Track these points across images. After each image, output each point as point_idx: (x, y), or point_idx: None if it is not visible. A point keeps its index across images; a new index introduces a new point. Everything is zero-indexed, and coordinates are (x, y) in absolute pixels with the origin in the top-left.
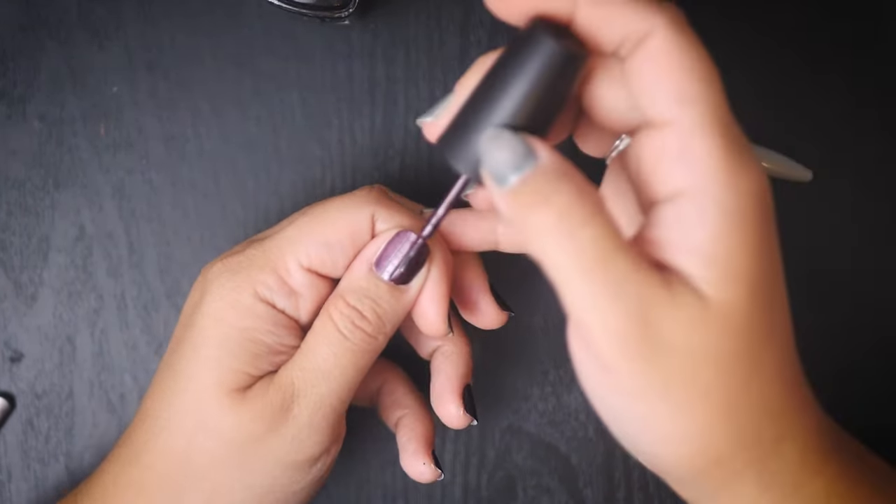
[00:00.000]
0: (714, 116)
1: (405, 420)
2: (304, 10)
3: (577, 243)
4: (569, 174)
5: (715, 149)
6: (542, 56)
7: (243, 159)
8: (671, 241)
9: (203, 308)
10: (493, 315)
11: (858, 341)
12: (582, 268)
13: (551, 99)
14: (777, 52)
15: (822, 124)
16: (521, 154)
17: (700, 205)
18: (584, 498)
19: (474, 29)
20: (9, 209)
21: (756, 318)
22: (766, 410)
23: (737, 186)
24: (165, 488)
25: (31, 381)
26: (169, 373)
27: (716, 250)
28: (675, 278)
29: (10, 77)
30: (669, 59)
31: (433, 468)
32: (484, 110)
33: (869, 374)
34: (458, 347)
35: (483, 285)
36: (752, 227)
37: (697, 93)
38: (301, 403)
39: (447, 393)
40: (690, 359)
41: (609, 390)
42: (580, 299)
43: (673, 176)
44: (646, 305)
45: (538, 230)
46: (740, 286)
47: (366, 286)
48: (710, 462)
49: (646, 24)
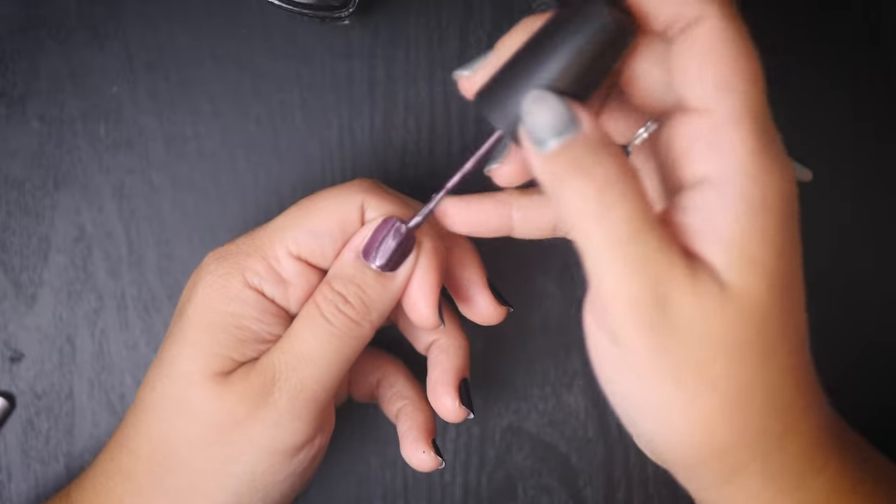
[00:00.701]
0: (751, 109)
1: (405, 410)
2: (304, 10)
3: (611, 218)
4: (609, 146)
5: (747, 141)
6: (595, 25)
7: (243, 159)
8: (694, 226)
9: (193, 297)
10: (490, 310)
11: (858, 341)
12: (612, 242)
13: (597, 69)
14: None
15: (822, 124)
16: (565, 119)
17: (725, 193)
18: (584, 498)
19: (474, 29)
20: (9, 209)
21: (772, 310)
22: (775, 404)
23: (764, 180)
24: (150, 472)
25: (31, 381)
26: (157, 361)
27: (738, 239)
28: (700, 265)
29: (10, 77)
30: (716, 47)
31: (433, 456)
32: (529, 70)
33: (868, 374)
34: (455, 341)
35: (480, 280)
36: (774, 221)
37: (738, 84)
38: (282, 387)
39: (443, 386)
40: (704, 345)
41: (619, 368)
42: (605, 270)
43: (702, 162)
44: (667, 285)
45: (574, 200)
46: (758, 275)
47: (352, 273)
48: (714, 452)
49: (698, 9)
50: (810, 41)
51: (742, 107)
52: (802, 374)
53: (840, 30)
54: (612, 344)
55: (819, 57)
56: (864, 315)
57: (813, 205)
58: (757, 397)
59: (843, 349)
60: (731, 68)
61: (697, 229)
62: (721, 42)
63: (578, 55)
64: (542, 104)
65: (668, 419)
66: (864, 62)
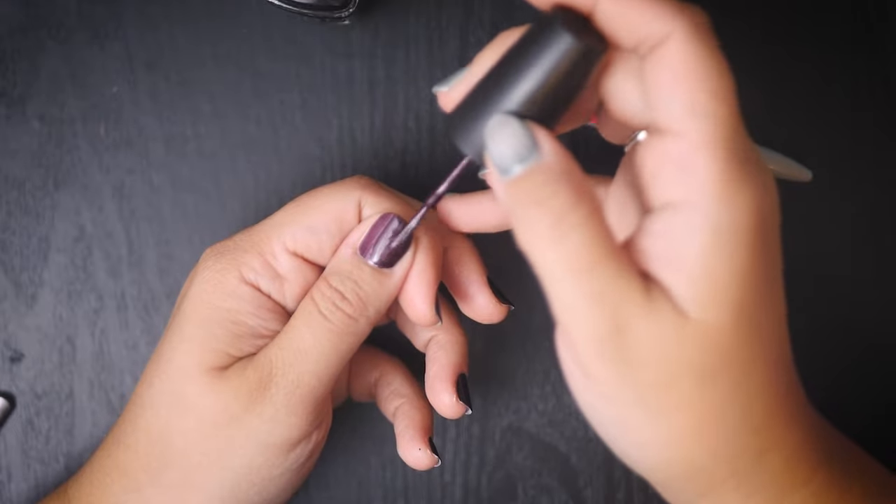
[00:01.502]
0: (722, 133)
1: (402, 408)
2: (304, 10)
3: (565, 248)
4: (569, 174)
5: (716, 166)
6: (558, 47)
7: (243, 159)
8: (658, 252)
9: (190, 292)
10: (490, 308)
11: (857, 341)
12: (567, 272)
13: (564, 90)
14: (774, 52)
15: (822, 125)
16: (526, 146)
17: (691, 220)
18: (584, 498)
19: (474, 29)
20: (9, 209)
21: (740, 339)
22: (749, 425)
23: (733, 208)
24: (146, 468)
25: (31, 381)
26: (154, 356)
27: (700, 270)
28: (658, 290)
29: (10, 77)
30: (684, 67)
31: (430, 454)
32: (494, 95)
33: (867, 374)
34: (453, 337)
35: (480, 278)
36: (743, 248)
37: (708, 106)
38: (279, 383)
39: (441, 381)
40: (665, 371)
41: (589, 393)
42: (563, 299)
43: (670, 186)
44: (623, 313)
45: (530, 229)
46: (723, 308)
47: (349, 269)
48: (689, 470)
49: (664, 28)
50: (810, 42)
51: (712, 130)
52: (781, 390)
53: (840, 32)
54: (580, 372)
55: (819, 58)
56: (863, 315)
57: (813, 205)
58: (730, 418)
59: (843, 350)
60: (700, 89)
61: (661, 256)
62: (690, 61)
63: (543, 78)
64: (503, 130)
65: (641, 441)
66: (864, 63)
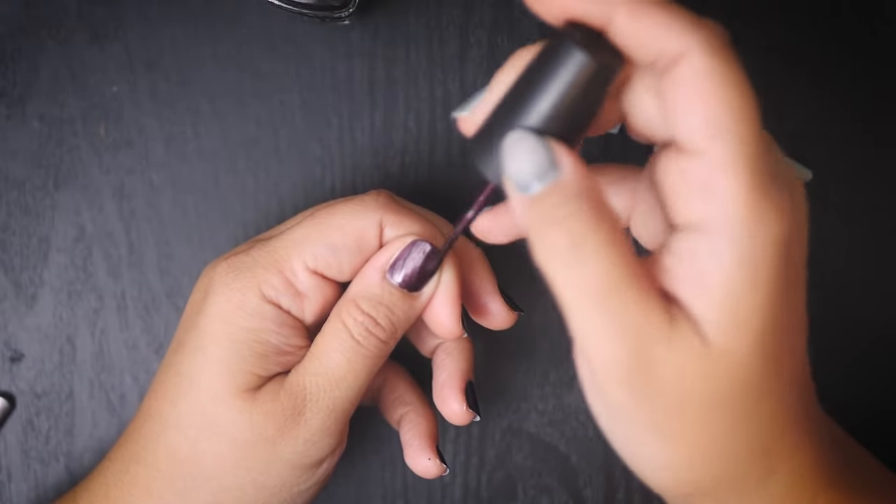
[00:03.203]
0: (744, 153)
1: (408, 417)
2: (304, 10)
3: (584, 272)
4: (588, 193)
5: (741, 189)
6: (572, 65)
7: (243, 159)
8: (683, 274)
9: (207, 309)
10: (503, 316)
11: (858, 342)
12: (586, 296)
13: (582, 107)
14: (774, 52)
15: (822, 125)
16: (544, 163)
17: (717, 244)
18: (584, 498)
19: (474, 29)
20: (9, 209)
21: (757, 369)
22: (755, 450)
23: (758, 231)
24: (172, 488)
25: (31, 381)
26: (172, 372)
27: (725, 295)
28: (681, 314)
29: (10, 77)
30: (703, 85)
31: (438, 463)
32: (511, 115)
33: (868, 373)
34: (460, 344)
35: (492, 287)
36: (768, 275)
37: (729, 125)
38: (313, 408)
39: (450, 389)
40: (681, 399)
41: (605, 412)
42: (582, 325)
43: (694, 206)
44: (644, 340)
45: (548, 250)
46: (745, 336)
47: (379, 293)
48: (694, 491)
49: (681, 45)
50: (810, 42)
51: (734, 150)
52: (791, 414)
53: (840, 32)
54: (597, 394)
55: (819, 58)
56: (864, 316)
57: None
58: (737, 445)
59: (844, 349)
60: (720, 109)
61: (684, 278)
62: (709, 80)
63: (559, 95)
64: (520, 147)
65: (650, 458)
66: (864, 63)
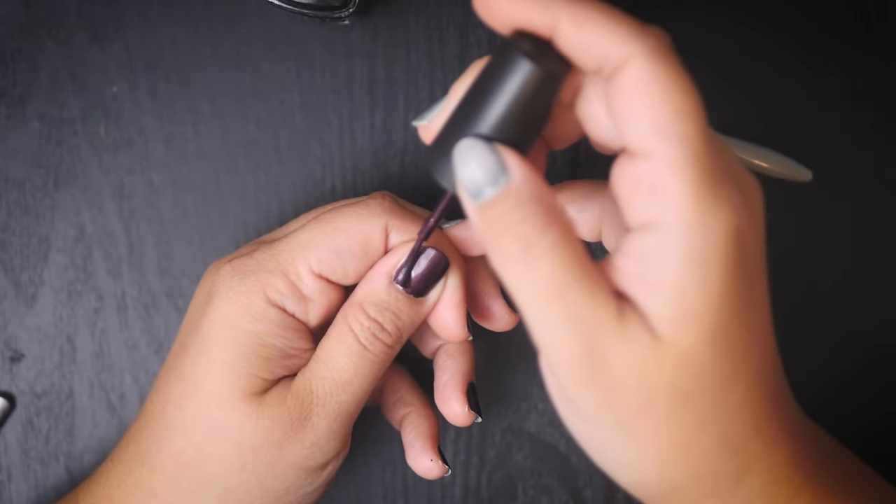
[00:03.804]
0: (691, 153)
1: (410, 417)
2: (304, 10)
3: (536, 274)
4: (538, 197)
5: (687, 187)
6: (519, 73)
7: (243, 159)
8: (633, 272)
9: (211, 312)
10: (506, 319)
11: (858, 343)
12: (540, 297)
13: (531, 114)
14: (774, 52)
15: (822, 124)
16: (493, 169)
17: (665, 242)
18: (584, 498)
19: (474, 29)
20: (9, 209)
21: (716, 361)
22: (727, 446)
23: (706, 227)
24: (177, 491)
25: (31, 381)
26: (175, 376)
27: (674, 291)
28: (631, 311)
29: (10, 77)
30: (647, 89)
31: (440, 464)
32: (464, 124)
33: (868, 375)
34: (462, 345)
35: (494, 290)
36: (718, 270)
37: (675, 127)
38: (320, 413)
39: (451, 390)
40: (641, 393)
41: (570, 414)
42: (538, 325)
43: (644, 208)
44: (597, 336)
45: (502, 255)
46: (696, 330)
47: (386, 299)
48: (668, 490)
49: (624, 51)
50: (810, 42)
51: (682, 150)
52: (763, 409)
53: (840, 31)
54: (561, 395)
55: (819, 57)
56: (864, 316)
57: (813, 205)
58: (707, 440)
59: (843, 351)
60: (665, 111)
61: (635, 276)
62: (652, 84)
63: (508, 104)
64: (470, 153)
65: (623, 461)
66: (864, 63)
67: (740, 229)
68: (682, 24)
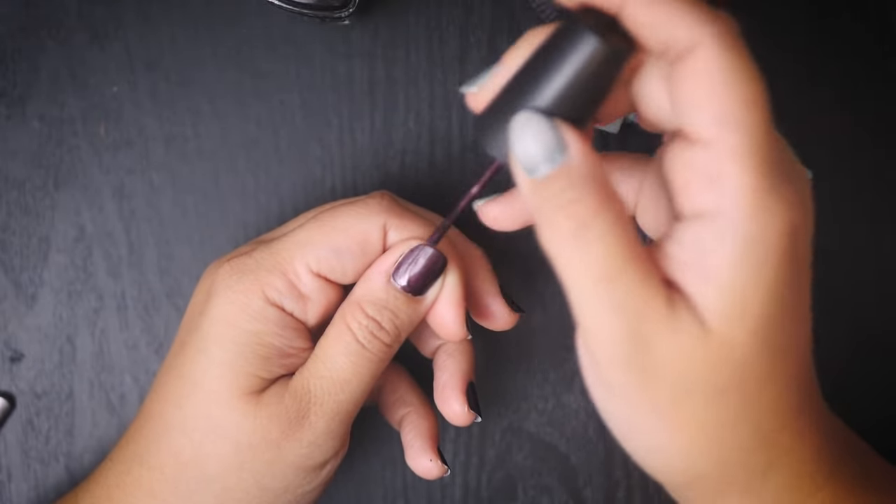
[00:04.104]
0: (754, 144)
1: (409, 417)
2: (304, 10)
3: (588, 256)
4: (595, 177)
5: (748, 178)
6: (583, 48)
7: (243, 159)
8: (686, 261)
9: (210, 311)
10: (505, 318)
11: (858, 343)
12: (590, 279)
13: (592, 91)
14: (774, 52)
15: (822, 124)
16: (552, 145)
17: (721, 232)
18: (584, 498)
19: (474, 29)
20: (9, 209)
21: (758, 357)
22: (757, 441)
23: (764, 221)
24: (175, 491)
25: (31, 381)
26: (174, 374)
27: (728, 284)
28: (682, 301)
29: (10, 77)
30: (713, 76)
31: (440, 464)
32: (521, 96)
33: (869, 374)
34: (461, 344)
35: (494, 289)
36: (772, 264)
37: (739, 116)
38: (318, 411)
39: (451, 390)
40: (681, 384)
41: (605, 394)
42: (585, 307)
43: (701, 196)
44: (644, 323)
45: (554, 233)
46: (745, 324)
47: (384, 297)
48: (696, 478)
49: (693, 35)
50: (810, 42)
51: (744, 141)
52: (794, 405)
53: (840, 31)
54: (598, 374)
55: (819, 58)
56: (864, 316)
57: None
58: (738, 434)
59: (844, 349)
60: (730, 100)
61: (688, 266)
62: (719, 71)
63: (570, 79)
64: (529, 128)
65: (653, 446)
66: (864, 63)
67: (795, 226)
68: None
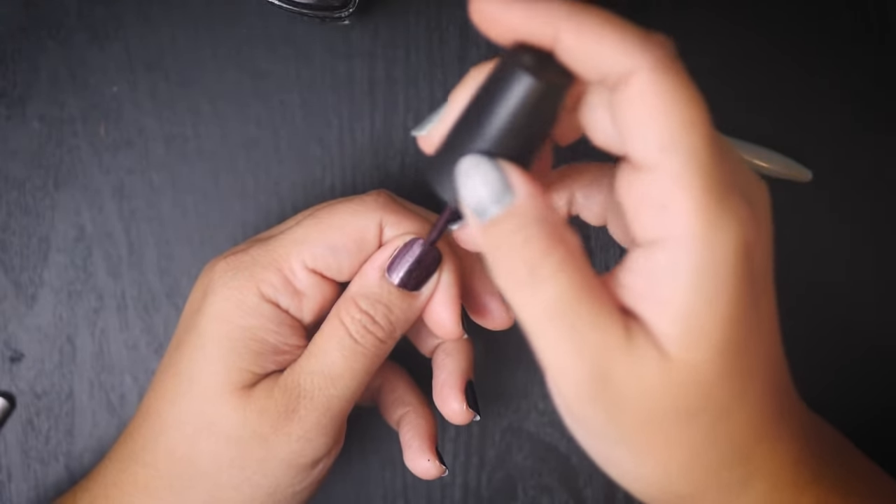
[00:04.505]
0: (697, 165)
1: (408, 417)
2: (304, 10)
3: (541, 296)
4: (542, 217)
5: (695, 202)
6: (518, 88)
7: (243, 159)
8: (641, 290)
9: (206, 308)
10: (503, 316)
11: (856, 343)
12: (545, 318)
13: (534, 126)
14: (774, 53)
15: (822, 124)
16: (498, 187)
17: (673, 260)
18: (584, 498)
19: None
20: (9, 209)
21: (724, 378)
22: (733, 456)
23: (714, 243)
24: (170, 487)
25: (31, 381)
26: (171, 372)
27: (683, 310)
28: (639, 329)
29: (10, 77)
30: (652, 102)
31: (438, 464)
32: (465, 137)
33: (868, 375)
34: (460, 343)
35: (491, 287)
36: (728, 286)
37: (679, 140)
38: (308, 406)
39: (450, 389)
40: (645, 412)
41: (577, 427)
42: (544, 346)
43: (651, 224)
44: (604, 356)
45: (506, 276)
46: (705, 349)
47: (378, 292)
48: (673, 497)
49: (627, 62)
50: (810, 42)
51: (687, 163)
52: (769, 417)
53: (840, 31)
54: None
55: (819, 58)
56: (863, 316)
57: (813, 205)
58: (712, 453)
59: (843, 351)
60: (670, 124)
61: (642, 294)
62: (656, 96)
63: (510, 118)
64: (475, 171)
65: (628, 472)
66: (864, 63)
67: (748, 243)
68: (683, 25)
